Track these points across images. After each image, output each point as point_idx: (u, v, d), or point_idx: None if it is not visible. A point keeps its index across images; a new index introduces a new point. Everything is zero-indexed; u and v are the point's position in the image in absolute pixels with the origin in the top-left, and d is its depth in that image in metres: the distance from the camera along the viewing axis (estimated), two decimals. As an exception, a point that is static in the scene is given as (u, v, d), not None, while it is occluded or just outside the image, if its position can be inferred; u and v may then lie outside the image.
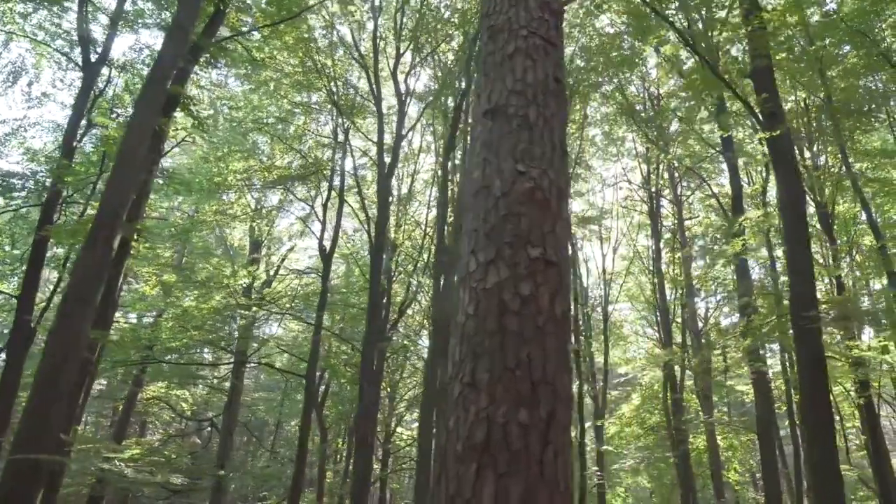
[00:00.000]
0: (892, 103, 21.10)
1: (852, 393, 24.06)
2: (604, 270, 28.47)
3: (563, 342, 1.99)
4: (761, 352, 14.57)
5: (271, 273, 22.29)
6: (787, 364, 21.44)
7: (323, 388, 21.84)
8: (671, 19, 9.18)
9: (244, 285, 17.52)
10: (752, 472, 27.61)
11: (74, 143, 12.47)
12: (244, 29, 12.91)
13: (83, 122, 12.67)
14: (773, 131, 7.41)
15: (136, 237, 12.82)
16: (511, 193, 2.17)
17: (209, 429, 22.85)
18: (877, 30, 17.05)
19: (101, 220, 6.38)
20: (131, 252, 12.82)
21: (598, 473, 22.80)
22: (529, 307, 1.97)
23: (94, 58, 12.95)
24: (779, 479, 13.77)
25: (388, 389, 23.34)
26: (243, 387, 22.75)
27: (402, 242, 19.70)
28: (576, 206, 26.93)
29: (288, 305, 21.70)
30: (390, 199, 15.38)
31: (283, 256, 22.86)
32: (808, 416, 7.01)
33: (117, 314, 16.25)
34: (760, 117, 7.84)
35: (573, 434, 19.17)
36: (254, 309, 15.30)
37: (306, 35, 15.45)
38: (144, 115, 6.76)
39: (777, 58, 14.56)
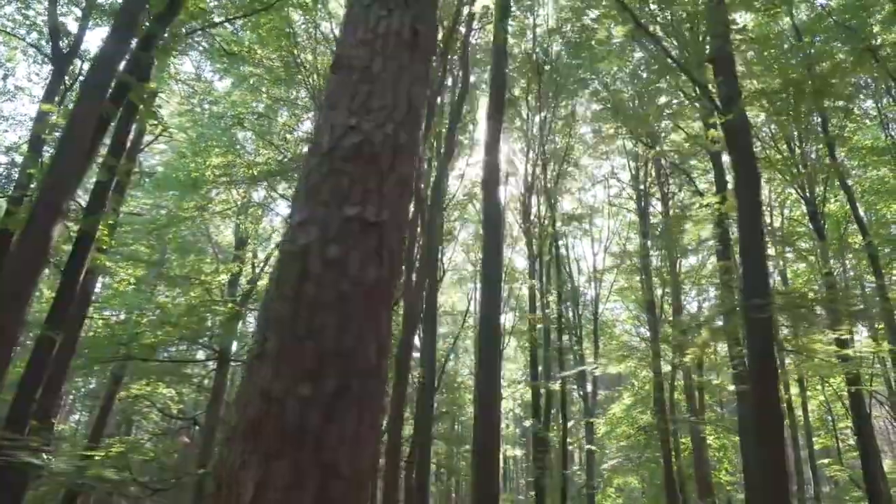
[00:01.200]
0: (884, 101, 20.94)
1: (843, 393, 23.88)
2: (594, 269, 28.31)
3: (373, 311, 1.78)
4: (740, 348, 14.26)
5: (257, 271, 22.10)
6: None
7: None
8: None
9: (224, 282, 17.33)
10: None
11: (43, 136, 12.30)
12: (217, 20, 12.74)
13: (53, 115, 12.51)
14: (728, 115, 7.19)
15: (105, 232, 12.67)
16: (337, 149, 1.97)
17: (196, 427, 22.65)
18: (867, 27, 16.89)
19: (37, 210, 6.18)
20: (102, 247, 12.67)
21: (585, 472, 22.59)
22: (332, 272, 1.76)
23: (65, 50, 12.81)
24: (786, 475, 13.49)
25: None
26: (227, 385, 22.52)
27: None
28: (566, 204, 26.76)
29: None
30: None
31: (269, 254, 22.66)
32: (757, 409, 6.77)
33: (101, 312, 16.10)
34: (718, 102, 7.63)
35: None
36: (230, 305, 15.09)
37: (287, 30, 15.29)
38: (87, 102, 6.57)
39: (737, 38, 14.41)
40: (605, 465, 26.49)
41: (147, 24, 8.20)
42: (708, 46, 7.54)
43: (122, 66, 7.82)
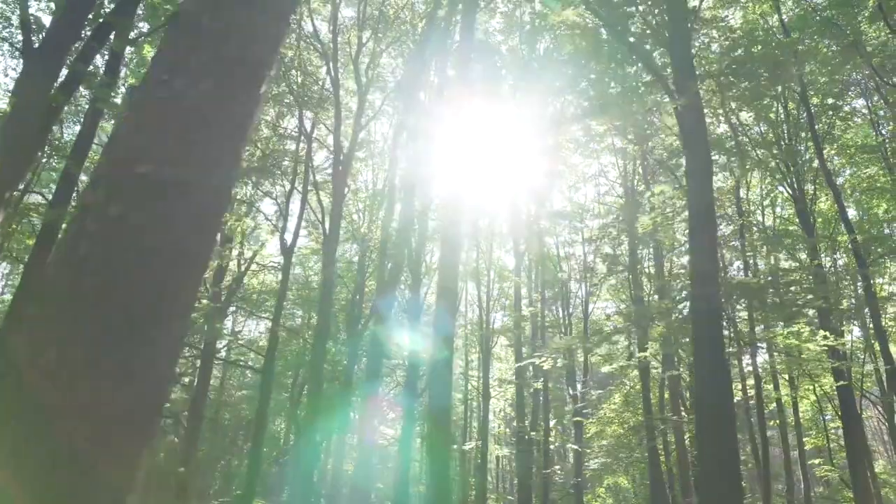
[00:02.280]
0: (875, 100, 20.78)
1: (830, 391, 23.69)
2: (584, 268, 28.17)
3: (156, 270, 1.63)
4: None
5: (243, 269, 21.97)
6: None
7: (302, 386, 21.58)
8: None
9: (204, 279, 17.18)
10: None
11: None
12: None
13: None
14: (682, 100, 7.04)
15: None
16: (144, 106, 1.84)
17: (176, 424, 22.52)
18: (856, 23, 16.74)
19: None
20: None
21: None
22: (112, 231, 1.61)
23: (37, 44, 12.69)
24: (739, 475, 13.35)
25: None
26: (211, 383, 22.41)
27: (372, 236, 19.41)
28: (556, 203, 26.62)
29: (259, 300, 21.36)
30: (346, 189, 15.08)
31: (255, 251, 22.54)
32: (702, 401, 6.58)
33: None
34: (673, 88, 7.46)
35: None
36: (204, 301, 14.95)
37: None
38: (31, 90, 6.45)
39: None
40: (593, 465, 26.34)
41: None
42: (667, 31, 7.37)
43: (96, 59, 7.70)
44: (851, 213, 24.09)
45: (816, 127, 21.75)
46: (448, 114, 16.76)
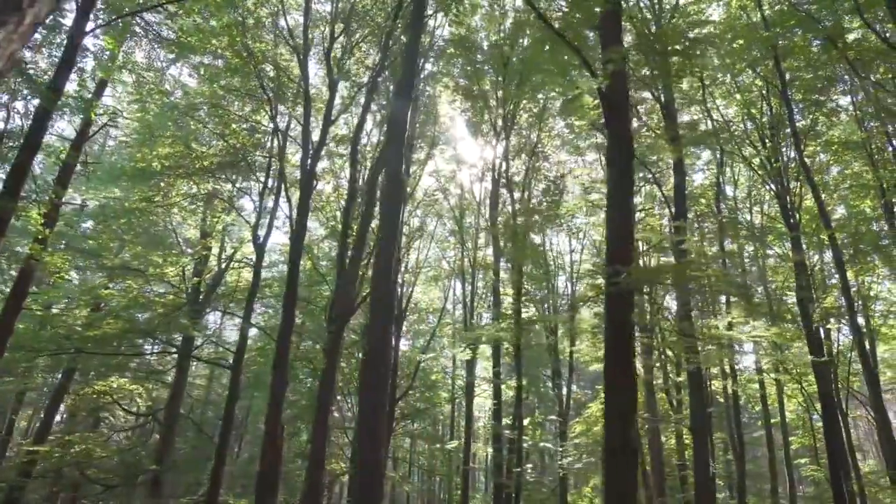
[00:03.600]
0: (860, 97, 20.56)
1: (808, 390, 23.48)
2: (571, 266, 28.02)
3: None
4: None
5: (223, 266, 21.84)
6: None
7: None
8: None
9: (178, 275, 17.06)
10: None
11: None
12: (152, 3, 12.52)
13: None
14: (605, 81, 6.85)
15: (40, 222, 12.45)
16: None
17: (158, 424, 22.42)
18: (839, 17, 16.54)
19: None
20: (39, 238, 12.45)
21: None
22: None
23: None
24: (710, 476, 13.19)
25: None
26: (198, 382, 22.37)
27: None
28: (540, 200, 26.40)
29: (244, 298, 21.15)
30: (315, 183, 14.93)
31: (235, 249, 22.42)
32: (610, 389, 6.39)
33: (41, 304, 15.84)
34: (597, 72, 7.26)
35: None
36: (170, 297, 14.83)
37: (236, 17, 15.05)
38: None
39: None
40: (577, 465, 26.14)
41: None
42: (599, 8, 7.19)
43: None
44: (841, 211, 23.90)
45: (802, 123, 21.62)
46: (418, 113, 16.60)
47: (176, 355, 19.68)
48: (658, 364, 23.80)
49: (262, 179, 17.13)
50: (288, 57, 16.29)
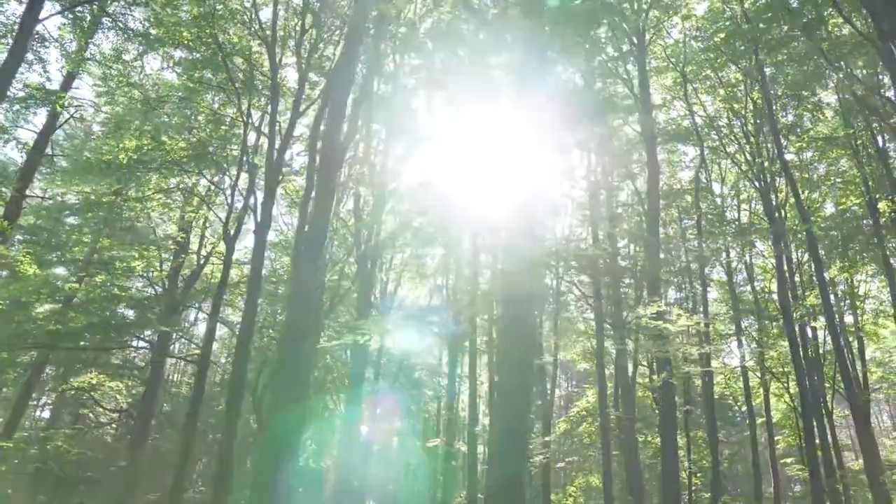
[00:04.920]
0: (845, 96, 20.28)
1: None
2: (556, 262, 27.75)
3: None
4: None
5: (202, 262, 21.64)
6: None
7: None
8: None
9: (145, 269, 16.87)
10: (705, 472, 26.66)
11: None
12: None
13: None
14: None
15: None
16: None
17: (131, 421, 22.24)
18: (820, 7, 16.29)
19: None
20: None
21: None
22: None
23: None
24: (678, 476, 12.99)
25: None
26: (170, 379, 22.20)
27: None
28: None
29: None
30: (280, 176, 14.74)
31: (213, 244, 22.22)
32: (500, 366, 6.14)
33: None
34: None
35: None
36: (133, 291, 14.66)
37: (208, 10, 14.88)
38: None
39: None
40: (559, 464, 25.95)
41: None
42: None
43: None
44: (830, 209, 23.60)
45: (786, 119, 21.37)
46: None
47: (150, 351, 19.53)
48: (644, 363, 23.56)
49: (234, 173, 16.93)
50: (258, 49, 16.11)
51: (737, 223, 24.89)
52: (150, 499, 19.35)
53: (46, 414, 31.07)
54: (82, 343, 15.02)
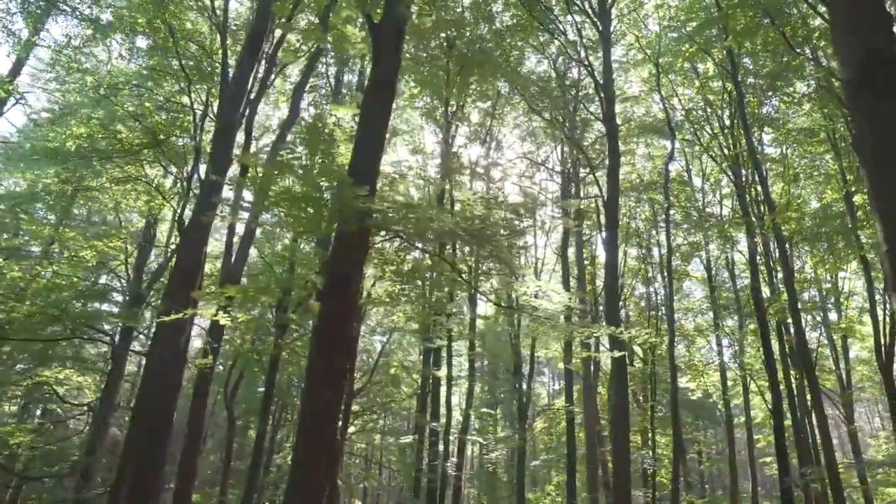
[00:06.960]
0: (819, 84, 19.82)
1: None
2: (536, 260, 27.39)
3: None
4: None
5: (168, 254, 21.31)
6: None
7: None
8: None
9: (92, 260, 16.54)
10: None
11: None
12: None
13: None
14: None
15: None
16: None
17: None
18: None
19: None
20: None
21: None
22: None
23: None
24: (629, 464, 12.62)
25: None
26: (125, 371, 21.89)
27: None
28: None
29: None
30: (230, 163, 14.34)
31: (178, 235, 21.88)
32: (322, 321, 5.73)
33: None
34: None
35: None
36: (75, 280, 14.31)
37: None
38: None
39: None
40: (535, 462, 25.56)
41: None
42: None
43: None
44: (815, 204, 23.13)
45: (764, 110, 20.92)
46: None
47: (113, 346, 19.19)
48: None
49: (191, 163, 16.56)
50: (210, 35, 15.73)
51: (715, 217, 24.48)
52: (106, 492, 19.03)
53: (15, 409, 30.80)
54: (27, 336, 14.65)
